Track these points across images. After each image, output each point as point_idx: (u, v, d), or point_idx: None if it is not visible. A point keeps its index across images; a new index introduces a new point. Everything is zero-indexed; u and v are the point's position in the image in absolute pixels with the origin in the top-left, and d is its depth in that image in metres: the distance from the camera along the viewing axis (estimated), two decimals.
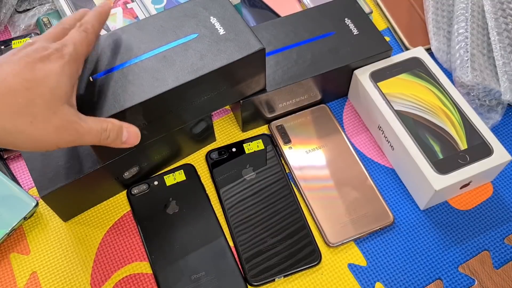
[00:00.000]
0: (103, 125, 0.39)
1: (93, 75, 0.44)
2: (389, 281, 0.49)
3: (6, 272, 0.50)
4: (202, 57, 0.45)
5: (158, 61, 0.45)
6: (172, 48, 0.46)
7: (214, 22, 0.47)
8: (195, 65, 0.45)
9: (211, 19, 0.47)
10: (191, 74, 0.44)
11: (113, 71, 0.44)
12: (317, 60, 0.55)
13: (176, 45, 0.46)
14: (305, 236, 0.50)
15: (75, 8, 0.61)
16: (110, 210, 0.53)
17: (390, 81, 0.55)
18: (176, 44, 0.46)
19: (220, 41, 0.46)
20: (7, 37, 0.67)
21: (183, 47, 0.46)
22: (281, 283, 0.49)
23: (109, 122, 0.40)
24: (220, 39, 0.46)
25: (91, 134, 0.38)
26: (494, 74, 0.57)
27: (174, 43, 0.46)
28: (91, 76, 0.44)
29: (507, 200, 0.53)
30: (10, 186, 0.52)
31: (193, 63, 0.45)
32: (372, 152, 0.57)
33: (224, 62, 0.45)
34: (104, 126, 0.39)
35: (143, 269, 0.50)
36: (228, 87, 0.48)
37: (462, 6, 0.60)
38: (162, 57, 0.45)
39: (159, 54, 0.45)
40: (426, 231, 0.51)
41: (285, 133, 0.57)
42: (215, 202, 0.53)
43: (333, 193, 0.53)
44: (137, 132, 0.43)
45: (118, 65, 0.45)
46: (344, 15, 0.59)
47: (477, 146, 0.50)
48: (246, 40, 0.46)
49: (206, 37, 0.46)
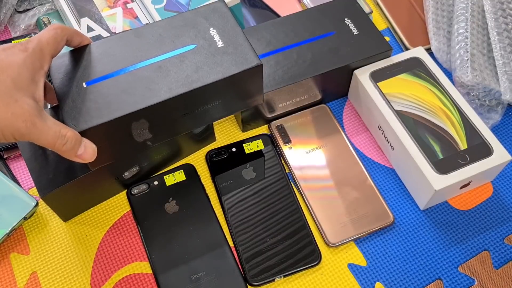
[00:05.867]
0: (62, 130, 0.39)
1: (87, 81, 0.44)
2: (389, 281, 0.49)
3: (6, 272, 0.50)
4: (197, 69, 0.44)
5: (153, 70, 0.44)
6: (168, 58, 0.45)
7: (213, 34, 0.46)
8: (190, 77, 0.44)
9: (211, 30, 0.46)
10: (185, 86, 0.43)
11: (107, 78, 0.44)
12: (317, 60, 0.55)
13: (173, 56, 0.45)
14: (305, 236, 0.50)
15: (75, 8, 0.61)
16: (110, 210, 0.53)
17: (390, 81, 0.55)
18: (173, 54, 0.45)
19: (217, 54, 0.45)
20: (7, 37, 0.67)
21: (180, 58, 0.45)
22: (281, 283, 0.49)
23: (70, 130, 0.40)
24: (217, 52, 0.45)
25: (48, 135, 0.38)
26: (494, 74, 0.57)
27: (171, 53, 0.45)
28: (85, 82, 0.44)
29: (507, 200, 0.53)
30: (10, 186, 0.52)
31: (187, 75, 0.44)
32: (372, 152, 0.57)
33: (220, 76, 0.44)
34: (64, 132, 0.39)
35: (143, 269, 0.50)
36: (223, 101, 0.47)
37: (462, 6, 0.60)
38: (158, 67, 0.44)
39: (155, 64, 0.45)
40: (426, 231, 0.51)
41: (285, 133, 0.57)
42: (215, 202, 0.53)
43: (333, 193, 0.53)
44: (94, 150, 0.42)
45: (113, 72, 0.44)
46: (344, 15, 0.59)
47: (477, 146, 0.50)
48: (244, 54, 0.45)
49: (204, 49, 0.45)
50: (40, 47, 0.40)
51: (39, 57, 0.39)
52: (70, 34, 0.43)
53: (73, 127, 0.41)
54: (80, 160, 0.41)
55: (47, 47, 0.40)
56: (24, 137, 0.38)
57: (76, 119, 0.41)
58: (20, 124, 0.37)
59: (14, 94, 0.36)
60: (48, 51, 0.41)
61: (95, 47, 0.46)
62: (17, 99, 0.37)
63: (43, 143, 0.39)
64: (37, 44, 0.40)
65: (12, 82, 0.37)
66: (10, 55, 0.38)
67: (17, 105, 0.36)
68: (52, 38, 0.41)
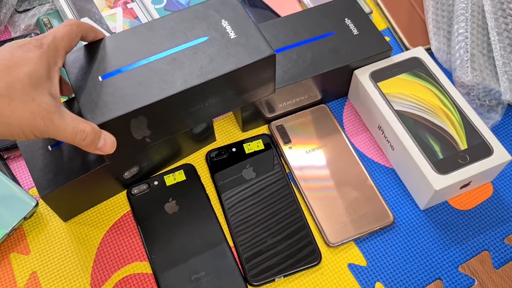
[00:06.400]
0: (81, 125, 0.39)
1: (103, 75, 0.44)
2: (389, 281, 0.49)
3: (6, 272, 0.50)
4: (211, 60, 0.45)
5: (168, 63, 0.45)
6: (181, 50, 0.45)
7: (225, 26, 0.47)
8: (204, 68, 0.44)
9: (223, 22, 0.47)
10: (200, 77, 0.44)
11: (122, 72, 0.44)
12: (317, 60, 0.55)
13: (186, 48, 0.46)
14: (305, 236, 0.50)
15: (75, 8, 0.61)
16: (110, 210, 0.53)
17: (390, 81, 0.55)
18: (186, 46, 0.46)
19: (230, 45, 0.45)
20: (7, 37, 0.67)
21: (193, 50, 0.45)
22: (281, 283, 0.49)
23: (88, 125, 0.40)
24: (230, 43, 0.46)
25: (67, 131, 0.39)
26: (494, 74, 0.57)
27: (184, 46, 0.46)
28: (100, 75, 0.44)
29: (507, 200, 0.53)
30: (10, 186, 0.52)
31: (202, 66, 0.44)
32: (372, 152, 0.57)
33: (233, 66, 0.44)
34: (82, 127, 0.39)
35: (143, 269, 0.50)
36: (237, 92, 0.48)
37: (462, 6, 0.60)
38: (172, 59, 0.45)
39: (169, 56, 0.45)
40: (426, 231, 0.51)
41: (285, 133, 0.57)
42: (215, 202, 0.53)
43: (333, 193, 0.53)
44: (113, 142, 0.42)
45: (127, 65, 0.45)
46: (344, 15, 0.59)
47: (477, 146, 0.50)
48: (257, 45, 0.46)
49: (217, 41, 0.46)
50: (55, 43, 0.40)
51: (54, 53, 0.40)
52: (85, 30, 0.44)
53: (92, 120, 0.41)
54: (100, 152, 0.42)
55: (62, 43, 0.41)
56: (44, 134, 0.38)
57: (94, 112, 0.42)
58: (38, 122, 0.37)
59: (31, 92, 0.37)
60: (63, 47, 0.41)
61: (109, 41, 0.46)
62: (34, 97, 0.37)
63: (62, 139, 0.39)
64: (52, 40, 0.40)
65: (29, 79, 0.37)
66: (26, 51, 0.38)
67: (35, 103, 0.37)
68: (67, 34, 0.41)
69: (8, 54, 0.37)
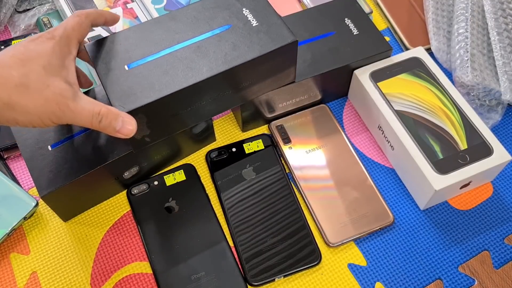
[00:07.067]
0: (95, 108, 0.40)
1: (128, 64, 0.45)
2: (389, 281, 0.49)
3: (6, 272, 0.50)
4: (235, 48, 0.46)
5: (192, 51, 0.46)
6: (205, 39, 0.46)
7: (246, 14, 0.48)
8: (229, 55, 0.45)
9: (244, 11, 0.48)
10: (225, 64, 0.45)
11: (147, 60, 0.45)
12: (317, 60, 0.55)
13: (210, 36, 0.47)
14: (305, 236, 0.50)
15: (75, 8, 0.61)
16: (110, 210, 0.53)
17: (390, 81, 0.55)
18: (209, 35, 0.47)
19: (253, 33, 0.47)
20: (7, 37, 0.67)
21: (217, 38, 0.46)
22: (281, 283, 0.49)
23: (104, 107, 0.40)
24: (253, 31, 0.47)
25: (82, 115, 0.39)
26: (494, 74, 0.57)
27: (207, 34, 0.47)
28: (126, 64, 0.45)
29: (507, 200, 0.53)
30: (10, 186, 0.52)
31: (226, 53, 0.45)
32: (372, 152, 0.57)
33: (258, 53, 0.45)
34: (97, 109, 0.40)
35: (143, 269, 0.50)
36: (259, 79, 0.49)
37: (462, 6, 0.60)
38: (196, 48, 0.46)
39: (193, 45, 0.46)
40: (426, 231, 0.51)
41: (285, 133, 0.57)
42: (215, 202, 0.53)
43: (333, 193, 0.53)
44: (132, 125, 0.42)
45: (153, 54, 0.46)
46: (344, 15, 0.59)
47: (477, 146, 0.50)
48: (279, 32, 0.47)
49: (239, 29, 0.47)
50: (66, 33, 0.41)
51: (66, 43, 0.41)
52: (94, 18, 0.44)
53: (121, 108, 0.42)
54: (121, 135, 0.42)
55: (73, 33, 0.42)
56: (61, 120, 0.39)
57: (122, 100, 0.43)
58: (54, 107, 0.38)
59: (46, 80, 0.38)
60: (75, 36, 0.42)
61: (132, 32, 0.47)
62: (49, 84, 0.38)
63: (79, 123, 0.40)
64: (63, 31, 0.41)
65: (44, 70, 0.38)
66: (39, 44, 0.39)
67: (49, 90, 0.38)
68: (77, 24, 0.42)
69: (22, 47, 0.38)
